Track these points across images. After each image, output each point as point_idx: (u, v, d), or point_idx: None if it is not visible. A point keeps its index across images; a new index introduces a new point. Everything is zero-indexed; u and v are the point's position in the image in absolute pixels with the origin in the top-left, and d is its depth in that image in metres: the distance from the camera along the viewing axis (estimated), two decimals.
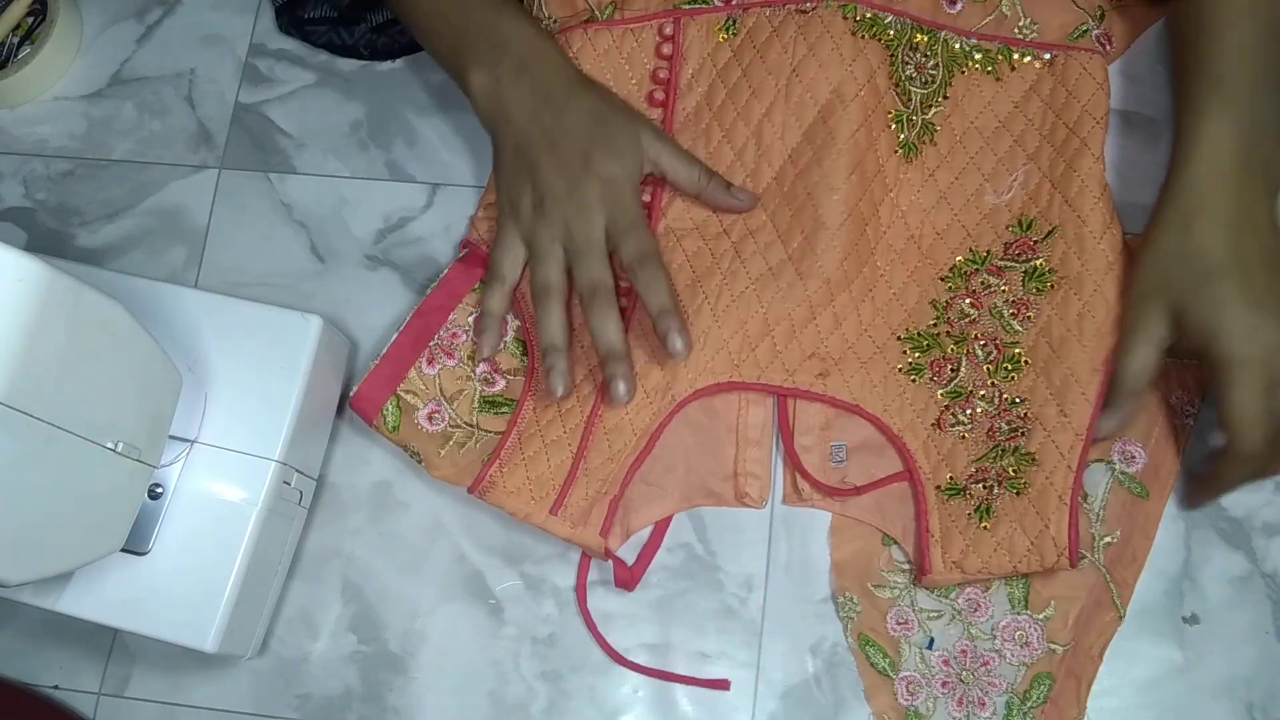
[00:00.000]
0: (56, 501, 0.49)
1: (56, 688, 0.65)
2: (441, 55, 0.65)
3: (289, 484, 0.61)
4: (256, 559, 0.59)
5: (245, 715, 0.64)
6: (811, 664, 0.61)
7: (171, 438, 0.58)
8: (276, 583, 0.63)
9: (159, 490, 0.58)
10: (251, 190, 0.73)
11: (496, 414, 0.64)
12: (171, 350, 0.56)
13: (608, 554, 0.62)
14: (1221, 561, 0.61)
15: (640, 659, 0.62)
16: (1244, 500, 0.61)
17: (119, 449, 0.52)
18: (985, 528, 0.59)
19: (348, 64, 0.74)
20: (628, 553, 0.63)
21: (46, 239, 0.73)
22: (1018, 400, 0.61)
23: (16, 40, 0.75)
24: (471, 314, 0.65)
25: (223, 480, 0.59)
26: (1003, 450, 0.60)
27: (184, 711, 0.64)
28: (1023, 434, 0.60)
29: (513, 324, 0.65)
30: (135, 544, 0.57)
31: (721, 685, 0.61)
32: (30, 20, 0.75)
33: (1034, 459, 0.60)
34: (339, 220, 0.71)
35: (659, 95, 0.67)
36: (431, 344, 0.65)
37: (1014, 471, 0.60)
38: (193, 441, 0.59)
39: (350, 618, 0.64)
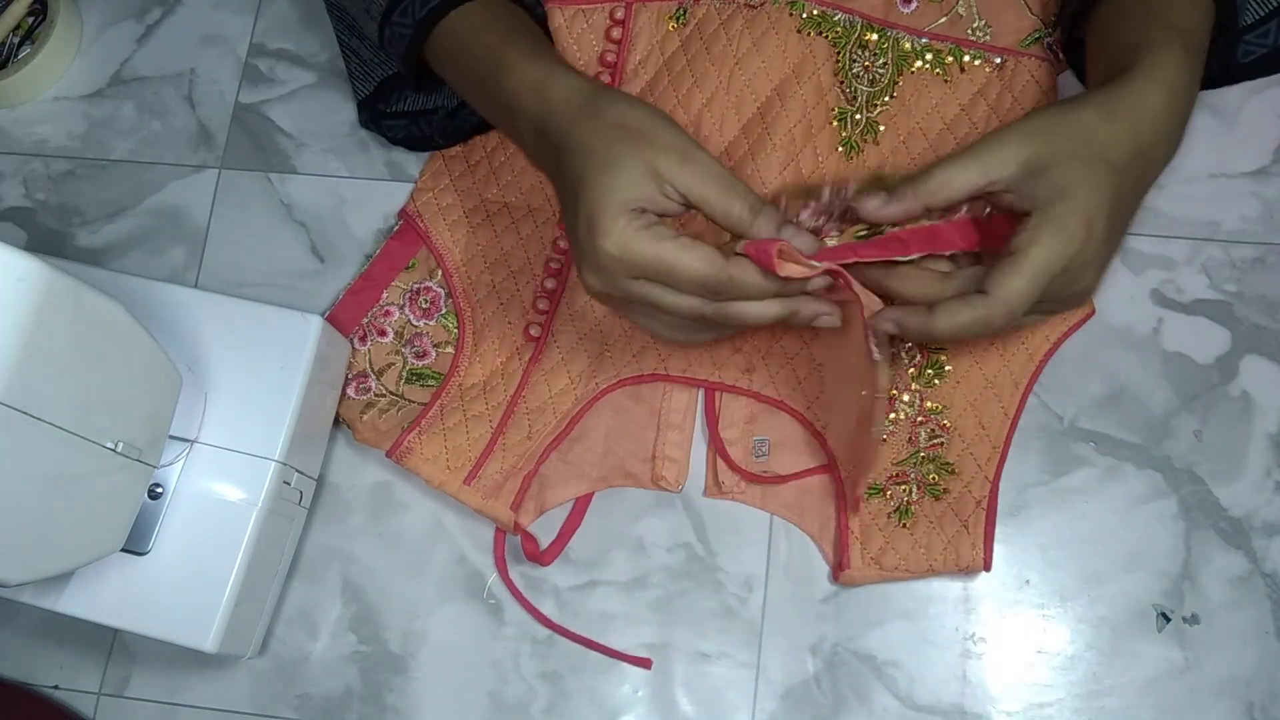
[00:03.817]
0: (56, 501, 0.49)
1: (56, 688, 0.65)
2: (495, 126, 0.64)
3: (289, 484, 0.61)
4: (256, 559, 0.59)
5: (245, 715, 0.64)
6: (811, 664, 0.61)
7: (171, 438, 0.58)
8: (276, 583, 0.63)
9: (159, 490, 0.58)
10: (251, 190, 0.73)
11: (423, 386, 0.66)
12: (171, 350, 0.56)
13: (518, 528, 0.63)
14: (1221, 561, 0.61)
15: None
16: (1244, 500, 0.61)
17: (119, 449, 0.52)
18: (904, 526, 0.61)
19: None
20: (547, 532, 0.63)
21: (46, 239, 0.73)
22: (938, 408, 0.62)
23: (16, 40, 0.75)
24: (404, 293, 0.67)
25: (223, 480, 0.59)
26: (922, 457, 0.62)
27: (184, 711, 0.64)
28: (942, 443, 0.62)
29: (446, 298, 0.67)
30: (135, 544, 0.57)
31: (643, 663, 0.62)
32: (30, 20, 0.75)
33: (952, 469, 0.62)
34: (339, 220, 0.71)
35: (604, 78, 0.68)
36: (364, 322, 0.67)
37: (933, 479, 0.61)
38: (193, 441, 0.59)
39: (350, 618, 0.64)
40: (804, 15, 0.65)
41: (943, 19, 0.66)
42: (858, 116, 0.65)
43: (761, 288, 0.50)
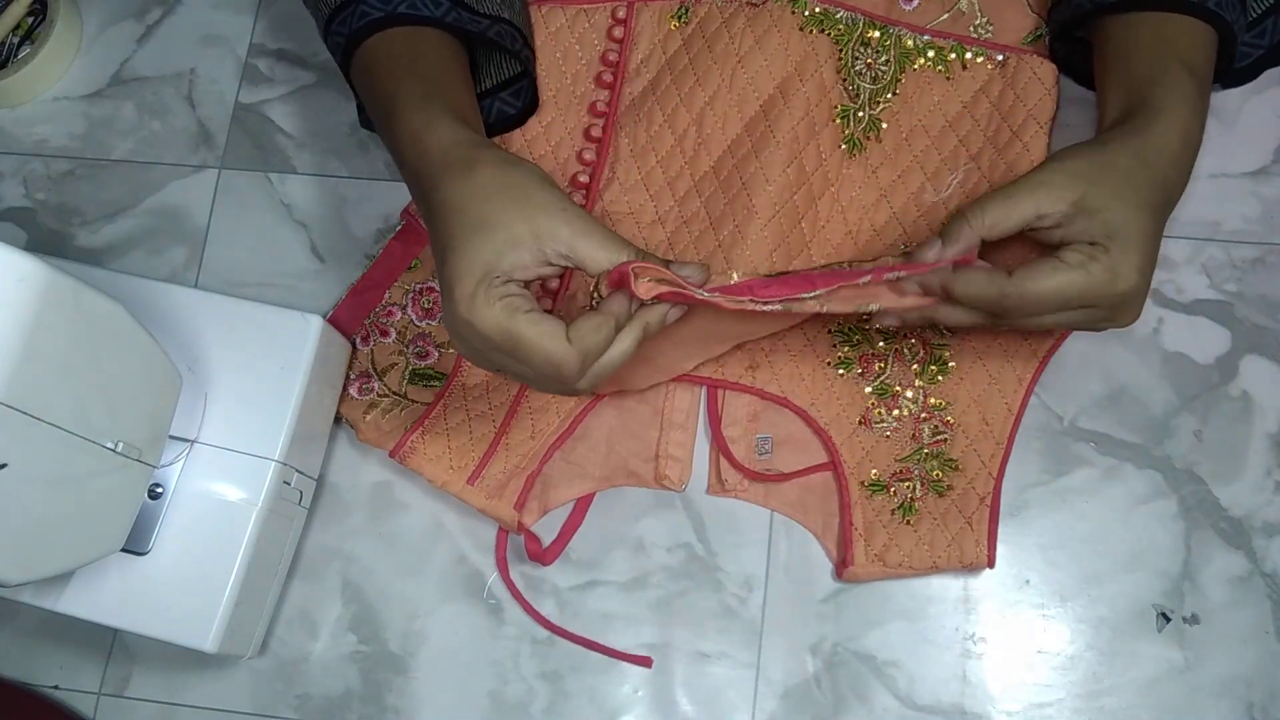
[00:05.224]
0: (56, 501, 0.49)
1: (56, 688, 0.65)
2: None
3: (289, 484, 0.61)
4: (256, 559, 0.59)
5: (245, 715, 0.64)
6: (811, 664, 0.61)
7: (171, 438, 0.58)
8: (276, 583, 0.63)
9: (159, 490, 0.58)
10: (251, 190, 0.73)
11: (426, 386, 0.66)
12: (171, 350, 0.56)
13: (521, 528, 0.63)
14: (1221, 561, 0.61)
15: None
16: (1244, 500, 0.61)
17: (119, 449, 0.52)
18: (908, 523, 0.61)
19: None
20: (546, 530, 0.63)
21: (46, 239, 0.73)
22: (942, 404, 0.62)
23: (16, 40, 0.75)
24: (406, 293, 0.67)
25: (223, 480, 0.59)
26: (926, 454, 0.62)
27: (184, 711, 0.64)
28: (945, 439, 0.62)
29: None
30: (135, 544, 0.57)
31: (644, 662, 0.62)
32: (30, 20, 0.75)
33: (956, 465, 0.62)
34: (339, 220, 0.71)
35: (607, 77, 0.68)
36: (366, 322, 0.67)
37: (937, 475, 0.62)
38: (193, 441, 0.59)
39: (350, 618, 0.64)
40: (806, 13, 0.66)
41: (944, 16, 0.66)
42: (860, 114, 0.65)
43: (608, 366, 0.50)
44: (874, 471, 0.62)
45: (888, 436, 0.62)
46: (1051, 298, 0.51)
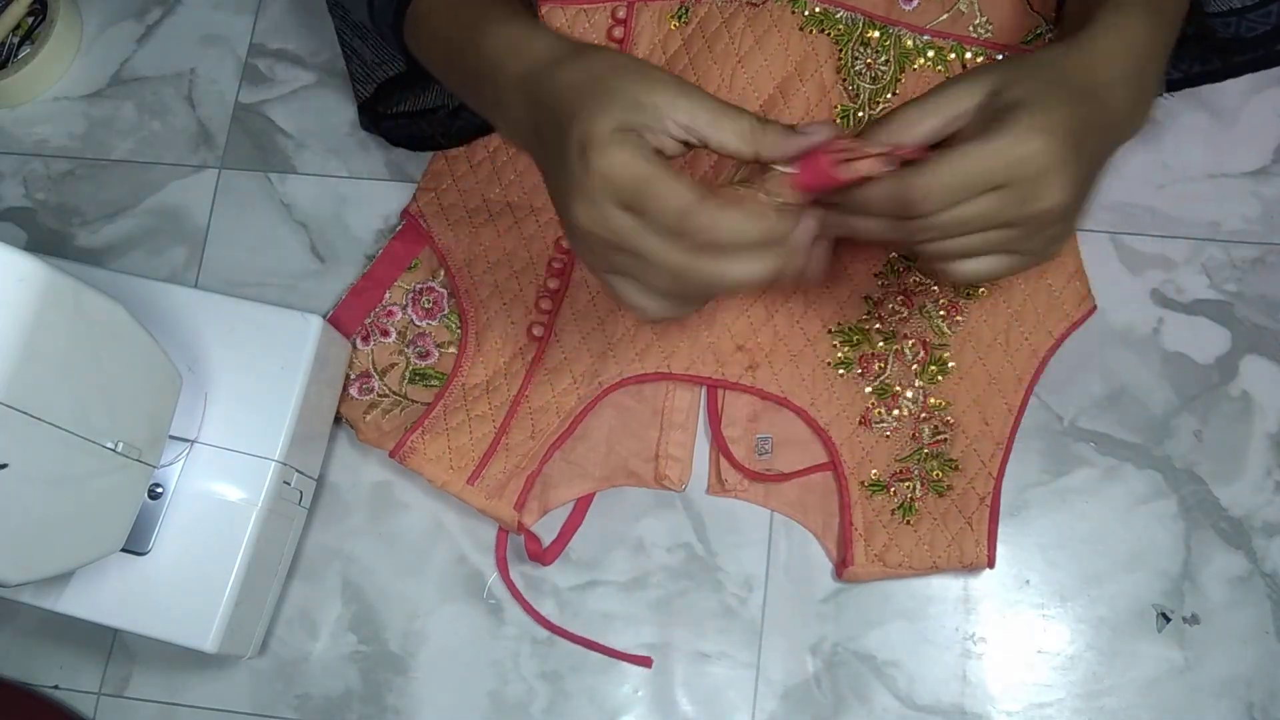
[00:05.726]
0: (56, 501, 0.49)
1: (56, 688, 0.65)
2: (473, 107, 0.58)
3: (289, 484, 0.61)
4: (256, 559, 0.59)
5: (245, 715, 0.64)
6: (811, 664, 0.61)
7: (171, 438, 0.58)
8: (276, 583, 0.63)
9: (159, 490, 0.58)
10: (251, 190, 0.73)
11: (426, 386, 0.66)
12: (171, 350, 0.56)
13: (521, 528, 0.63)
14: (1221, 561, 0.61)
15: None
16: (1244, 500, 0.61)
17: (119, 449, 0.52)
18: (908, 523, 0.61)
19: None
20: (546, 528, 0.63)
21: (46, 239, 0.73)
22: (942, 404, 0.63)
23: (16, 40, 0.75)
24: (407, 293, 0.67)
25: (223, 480, 0.59)
26: (926, 454, 0.62)
27: (184, 711, 0.64)
28: (945, 439, 0.62)
29: (448, 298, 0.67)
30: (135, 544, 0.57)
31: (644, 662, 0.62)
32: (30, 20, 0.75)
33: (956, 465, 0.62)
34: (339, 220, 0.71)
35: None
36: (366, 322, 0.67)
37: (937, 475, 0.62)
38: (193, 441, 0.59)
39: (350, 618, 0.64)
40: (806, 13, 0.66)
41: (944, 16, 0.66)
42: (860, 114, 0.65)
43: (738, 229, 0.47)
44: (874, 471, 0.62)
45: (888, 436, 0.62)
46: (956, 174, 0.46)
